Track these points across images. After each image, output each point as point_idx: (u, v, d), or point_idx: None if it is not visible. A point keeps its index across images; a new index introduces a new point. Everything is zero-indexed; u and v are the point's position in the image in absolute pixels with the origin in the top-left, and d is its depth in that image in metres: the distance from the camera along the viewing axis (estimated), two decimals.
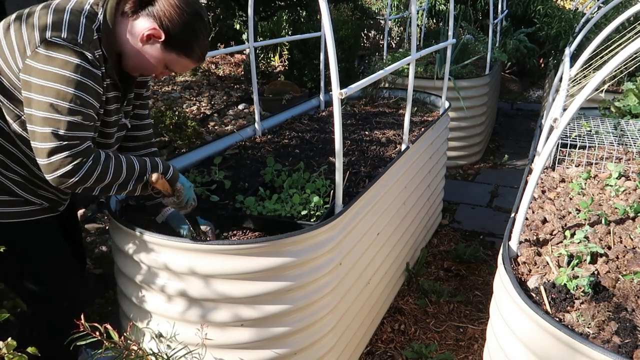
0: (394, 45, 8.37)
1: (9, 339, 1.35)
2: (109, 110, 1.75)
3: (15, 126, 1.65)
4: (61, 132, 1.50)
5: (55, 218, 1.88)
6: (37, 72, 1.50)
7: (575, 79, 2.89)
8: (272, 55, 7.67)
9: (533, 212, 2.03)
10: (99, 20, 1.61)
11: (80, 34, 1.55)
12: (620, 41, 3.08)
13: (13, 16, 1.62)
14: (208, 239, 1.87)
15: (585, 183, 2.29)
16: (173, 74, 6.90)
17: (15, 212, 1.75)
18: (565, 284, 1.54)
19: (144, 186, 1.72)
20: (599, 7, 5.67)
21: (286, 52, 7.35)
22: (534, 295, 1.52)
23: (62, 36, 1.52)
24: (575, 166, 2.50)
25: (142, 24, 1.64)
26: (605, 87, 3.87)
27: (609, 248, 1.75)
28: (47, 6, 1.61)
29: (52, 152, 1.50)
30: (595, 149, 2.64)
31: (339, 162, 1.93)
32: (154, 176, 1.68)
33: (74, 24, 1.56)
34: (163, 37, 1.65)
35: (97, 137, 1.77)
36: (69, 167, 1.51)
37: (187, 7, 1.65)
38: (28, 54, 1.52)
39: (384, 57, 5.40)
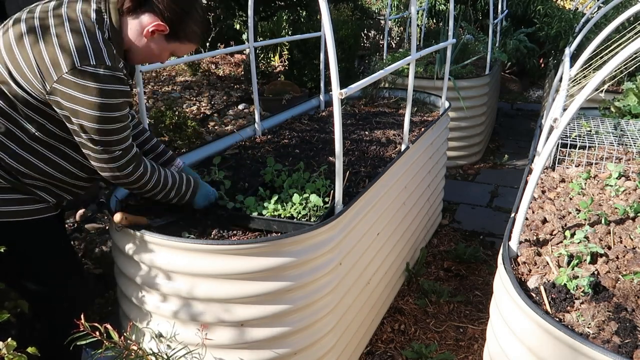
0: (394, 45, 8.37)
1: (9, 339, 1.35)
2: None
3: (36, 133, 1.69)
4: (115, 152, 1.69)
5: (56, 217, 1.89)
6: (78, 101, 1.57)
7: (575, 79, 2.89)
8: (272, 55, 7.67)
9: (533, 212, 2.03)
10: (107, 26, 1.66)
11: (105, 53, 1.61)
12: (620, 41, 3.08)
13: (24, 27, 1.62)
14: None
15: (585, 183, 2.29)
16: (171, 72, 6.91)
17: (24, 211, 1.75)
18: (565, 284, 1.54)
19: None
20: (599, 7, 5.67)
21: (286, 52, 7.35)
22: (534, 295, 1.52)
23: (92, 63, 1.57)
24: (575, 166, 2.50)
25: (145, 20, 1.69)
26: (605, 87, 3.87)
27: (609, 248, 1.75)
28: (58, 15, 1.63)
29: (112, 165, 1.72)
30: (595, 149, 2.64)
31: (339, 162, 1.93)
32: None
33: (96, 44, 1.60)
34: (167, 30, 1.71)
35: None
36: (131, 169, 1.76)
37: None
38: (54, 78, 1.56)
39: (384, 57, 5.40)
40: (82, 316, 1.49)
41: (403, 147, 2.81)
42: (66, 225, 2.30)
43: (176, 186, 1.93)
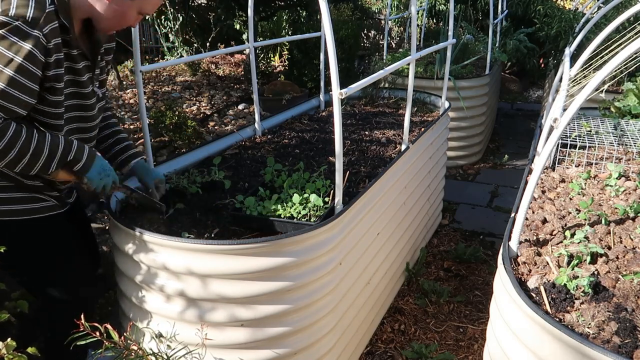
0: (394, 45, 8.37)
1: (9, 339, 1.35)
2: (83, 82, 1.74)
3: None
4: None
5: (66, 217, 1.89)
6: None
7: (575, 79, 2.89)
8: (272, 55, 7.68)
9: (533, 212, 2.03)
10: None
11: (30, 10, 1.50)
12: (620, 41, 3.08)
13: None
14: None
15: (585, 183, 2.29)
16: (171, 72, 6.91)
17: (27, 209, 1.76)
18: (565, 284, 1.54)
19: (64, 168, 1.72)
20: (599, 7, 5.67)
21: (286, 52, 7.35)
22: (534, 295, 1.52)
23: (10, 14, 1.48)
24: (575, 166, 2.50)
25: None
26: (605, 87, 3.87)
27: (609, 248, 1.75)
28: None
29: None
30: (595, 149, 2.64)
31: (339, 162, 1.93)
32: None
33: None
34: None
35: (78, 112, 1.76)
36: None
37: None
38: None
39: (384, 57, 5.40)
40: (82, 316, 1.49)
41: (403, 147, 2.81)
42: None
43: (59, 152, 1.68)
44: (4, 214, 1.74)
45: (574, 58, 2.96)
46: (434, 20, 8.25)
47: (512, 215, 1.85)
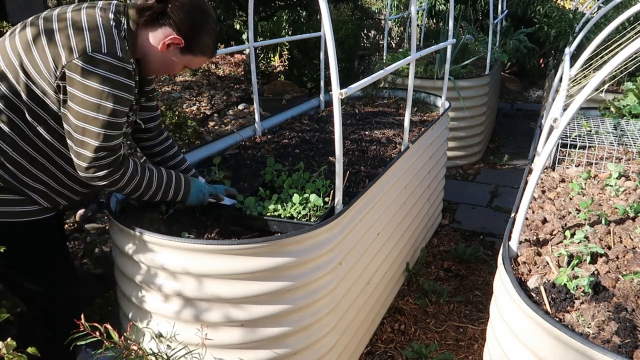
0: (394, 45, 8.37)
1: (9, 339, 1.35)
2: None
3: (41, 130, 1.70)
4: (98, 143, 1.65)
5: (54, 217, 1.89)
6: (78, 85, 1.58)
7: (575, 79, 2.89)
8: (272, 55, 7.68)
9: (533, 212, 2.03)
10: (124, 27, 1.69)
11: (118, 46, 1.63)
12: (620, 41, 3.08)
13: (42, 25, 1.65)
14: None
15: (585, 183, 2.29)
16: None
17: (20, 212, 1.77)
18: (565, 284, 1.54)
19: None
20: (599, 7, 5.67)
21: (286, 52, 7.35)
22: (534, 295, 1.52)
23: (103, 51, 1.59)
24: (575, 166, 2.50)
25: (161, 33, 1.73)
26: (605, 87, 3.87)
27: (609, 248, 1.75)
28: (77, 10, 1.66)
29: (90, 161, 1.66)
30: (595, 149, 2.64)
31: (339, 162, 1.93)
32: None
33: (110, 35, 1.63)
34: (183, 44, 1.75)
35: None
36: (103, 173, 1.71)
37: (199, 10, 1.75)
38: (64, 62, 1.58)
39: (384, 57, 5.40)
40: (82, 316, 1.50)
41: (403, 147, 2.81)
42: (65, 225, 2.32)
43: (162, 189, 1.91)
44: (8, 215, 1.75)
45: (574, 58, 2.96)
46: (434, 20, 8.25)
47: (512, 215, 1.85)
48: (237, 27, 7.15)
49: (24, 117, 1.68)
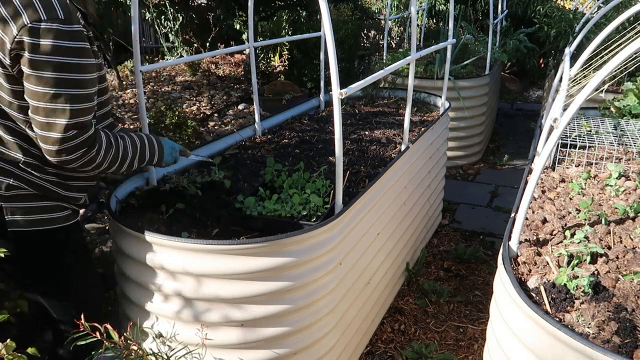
0: (394, 45, 8.37)
1: (9, 339, 1.35)
2: (100, 64, 1.68)
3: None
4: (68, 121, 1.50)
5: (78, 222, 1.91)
6: (29, 64, 1.44)
7: (575, 79, 2.89)
8: (272, 55, 7.67)
9: (533, 212, 2.03)
10: None
11: (57, 6, 1.46)
12: (620, 41, 3.08)
13: None
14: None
15: (585, 183, 2.29)
16: (171, 72, 6.90)
17: (58, 218, 1.77)
18: (565, 284, 1.53)
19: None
20: (599, 7, 5.67)
21: (286, 52, 7.35)
22: (534, 295, 1.52)
23: (43, 18, 1.43)
24: (575, 166, 2.50)
25: None
26: (605, 87, 3.87)
27: (609, 248, 1.75)
28: None
29: (58, 143, 1.52)
30: (595, 149, 2.64)
31: (339, 162, 1.93)
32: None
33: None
34: None
35: (100, 97, 1.72)
36: (76, 154, 1.57)
37: None
38: (8, 46, 1.43)
39: (384, 57, 5.40)
40: (82, 316, 1.50)
41: (403, 147, 2.81)
42: None
43: (138, 154, 1.78)
44: (46, 223, 1.74)
45: (574, 58, 2.96)
46: (434, 20, 8.25)
47: (512, 215, 1.85)
48: (237, 27, 7.15)
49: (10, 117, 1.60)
